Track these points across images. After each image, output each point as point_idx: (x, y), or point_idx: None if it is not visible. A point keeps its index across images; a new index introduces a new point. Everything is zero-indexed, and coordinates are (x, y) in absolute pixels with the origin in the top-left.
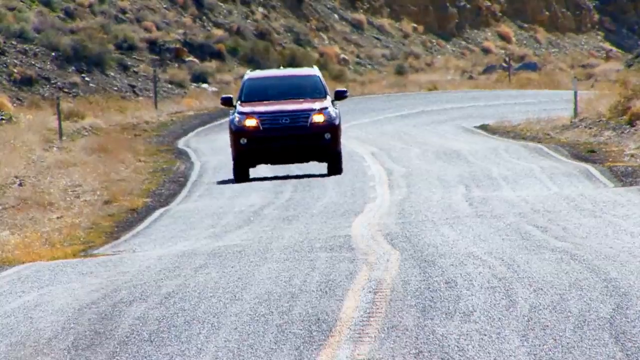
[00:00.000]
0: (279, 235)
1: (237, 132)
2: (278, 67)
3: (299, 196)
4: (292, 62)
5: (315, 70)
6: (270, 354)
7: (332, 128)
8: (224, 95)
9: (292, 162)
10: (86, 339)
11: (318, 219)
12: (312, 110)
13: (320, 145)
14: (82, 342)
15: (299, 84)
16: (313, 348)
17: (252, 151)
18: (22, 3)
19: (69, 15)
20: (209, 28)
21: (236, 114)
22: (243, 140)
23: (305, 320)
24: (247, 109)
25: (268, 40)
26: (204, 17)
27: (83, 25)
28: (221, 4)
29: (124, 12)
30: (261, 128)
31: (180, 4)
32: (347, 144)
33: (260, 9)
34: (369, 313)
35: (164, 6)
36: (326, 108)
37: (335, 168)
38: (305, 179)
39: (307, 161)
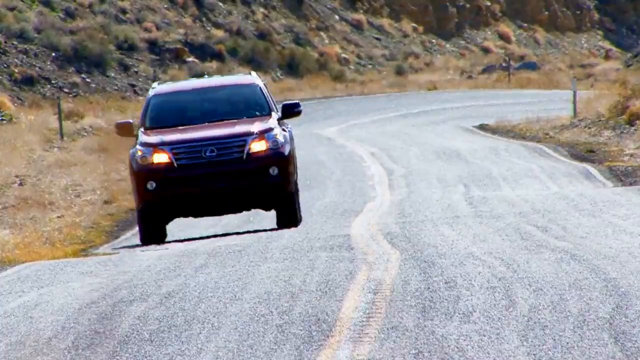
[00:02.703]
0: (278, 235)
1: (142, 173)
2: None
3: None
4: (292, 62)
5: (253, 78)
6: (270, 354)
7: (280, 159)
8: (119, 120)
9: (225, 213)
10: (86, 338)
11: (318, 218)
12: (250, 134)
13: (263, 186)
14: (82, 341)
15: (230, 98)
16: (313, 348)
17: (163, 200)
18: (22, 3)
19: (70, 15)
20: (209, 28)
21: (138, 147)
22: (150, 185)
23: (305, 320)
24: (154, 138)
25: (268, 41)
26: (204, 18)
27: (83, 26)
28: (221, 4)
29: (124, 12)
30: (176, 165)
31: (180, 5)
32: (347, 144)
33: (261, 9)
34: (368, 313)
35: (165, 6)
36: (270, 130)
37: (288, 216)
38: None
39: (247, 209)
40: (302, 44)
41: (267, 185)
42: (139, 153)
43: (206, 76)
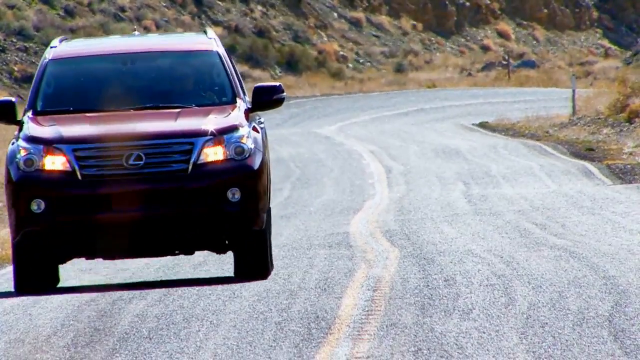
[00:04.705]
0: (277, 233)
1: (23, 185)
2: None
3: (298, 194)
4: (291, 60)
5: (211, 41)
6: (269, 352)
7: (245, 176)
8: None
9: (153, 254)
10: (85, 336)
11: (317, 216)
12: (201, 134)
13: (216, 217)
14: (81, 339)
15: (173, 72)
16: (312, 346)
17: (56, 230)
18: (22, 1)
19: (69, 13)
20: (207, 26)
21: (21, 143)
22: (37, 205)
23: (304, 317)
24: (47, 130)
25: (267, 38)
26: (203, 15)
27: (82, 24)
28: (220, 2)
29: (123, 10)
30: (79, 176)
31: (179, 3)
32: (346, 141)
33: (259, 7)
34: (367, 311)
35: (163, 4)
36: (234, 129)
37: (252, 263)
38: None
39: (188, 251)
40: (301, 42)
41: (223, 216)
42: (22, 153)
43: (136, 33)
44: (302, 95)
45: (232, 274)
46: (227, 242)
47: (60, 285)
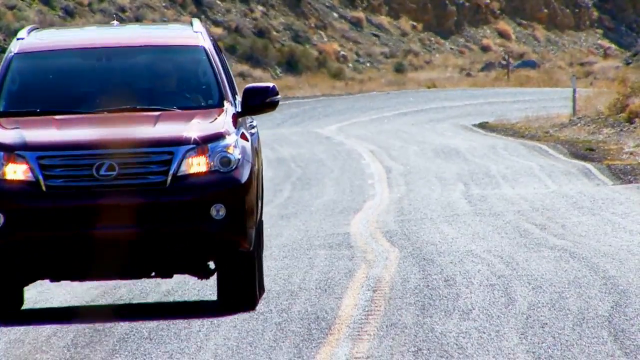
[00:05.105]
0: (277, 233)
1: None
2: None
3: (298, 194)
4: (291, 60)
5: (196, 36)
6: (270, 352)
7: (231, 191)
8: None
9: (125, 277)
10: (85, 336)
11: (317, 216)
12: (182, 142)
13: (198, 236)
14: (81, 339)
15: (153, 69)
16: (312, 346)
17: (16, 247)
18: (22, 2)
19: (69, 13)
20: (207, 26)
21: None
22: None
23: (304, 318)
24: (9, 135)
25: (267, 38)
26: (203, 15)
27: (82, 24)
28: (220, 2)
29: (123, 10)
30: (43, 187)
31: (179, 3)
32: (346, 142)
33: (259, 7)
34: (367, 311)
35: (163, 4)
36: (220, 137)
37: (239, 289)
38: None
39: (166, 274)
40: (301, 42)
41: (205, 236)
42: None
43: (115, 23)
44: (302, 96)
45: (215, 298)
46: (209, 265)
47: (24, 307)
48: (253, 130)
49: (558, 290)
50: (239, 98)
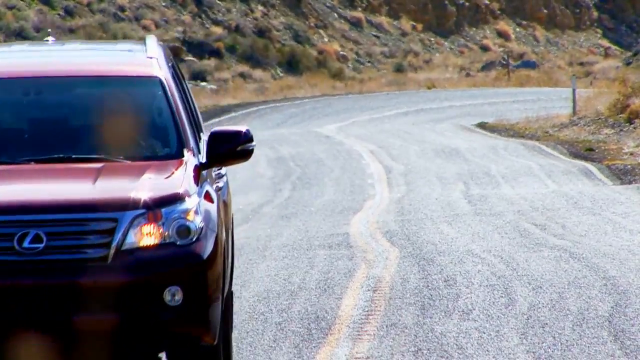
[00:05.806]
0: (277, 233)
1: None
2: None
3: (298, 194)
4: (292, 60)
5: (150, 63)
6: (270, 352)
7: (190, 270)
8: None
9: None
10: None
11: (317, 216)
12: (129, 206)
13: (147, 326)
14: None
15: (96, 108)
16: (312, 346)
17: None
18: (22, 2)
19: (69, 13)
20: (207, 26)
21: None
22: None
23: (304, 318)
24: None
25: (267, 38)
26: (203, 15)
27: (82, 24)
28: (220, 2)
29: (122, 10)
30: None
31: (179, 2)
32: (346, 141)
33: (260, 7)
34: (367, 311)
35: (163, 4)
36: (177, 199)
37: None
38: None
39: None
40: (301, 42)
41: (157, 326)
42: None
43: (50, 40)
44: (302, 96)
45: None
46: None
47: None
48: (221, 183)
49: (558, 291)
50: (205, 137)
